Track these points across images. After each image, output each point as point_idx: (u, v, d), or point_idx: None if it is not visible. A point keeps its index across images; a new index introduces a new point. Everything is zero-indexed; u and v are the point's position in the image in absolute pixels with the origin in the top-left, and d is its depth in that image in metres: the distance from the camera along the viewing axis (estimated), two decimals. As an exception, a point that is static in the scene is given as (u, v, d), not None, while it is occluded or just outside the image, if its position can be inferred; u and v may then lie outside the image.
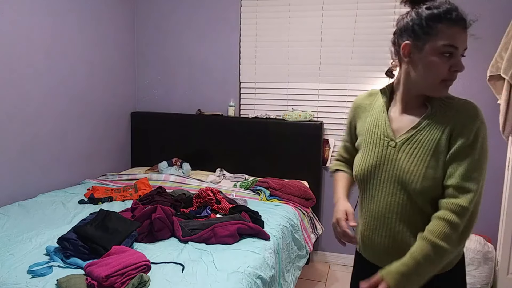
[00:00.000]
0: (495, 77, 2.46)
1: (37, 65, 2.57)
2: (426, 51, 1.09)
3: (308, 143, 3.07)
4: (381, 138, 1.20)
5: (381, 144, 1.20)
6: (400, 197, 1.15)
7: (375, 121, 1.24)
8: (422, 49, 1.10)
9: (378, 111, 1.25)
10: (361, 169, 1.24)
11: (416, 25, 1.11)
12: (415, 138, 1.14)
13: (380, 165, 1.19)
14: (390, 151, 1.17)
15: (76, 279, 1.44)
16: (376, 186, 1.20)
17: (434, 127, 1.12)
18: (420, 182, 1.10)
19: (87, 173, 3.06)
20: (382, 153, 1.19)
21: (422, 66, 1.11)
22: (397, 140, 1.17)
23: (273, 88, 3.29)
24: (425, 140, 1.12)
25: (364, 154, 1.24)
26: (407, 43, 1.13)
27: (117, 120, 3.39)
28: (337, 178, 1.40)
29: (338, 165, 1.43)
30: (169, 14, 3.44)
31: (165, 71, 3.53)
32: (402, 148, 1.15)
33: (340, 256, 3.24)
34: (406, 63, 1.15)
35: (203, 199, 2.33)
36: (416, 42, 1.11)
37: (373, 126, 1.24)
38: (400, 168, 1.14)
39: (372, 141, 1.22)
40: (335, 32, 3.08)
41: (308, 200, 2.78)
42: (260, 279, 1.65)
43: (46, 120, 2.66)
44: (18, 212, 2.21)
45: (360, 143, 1.28)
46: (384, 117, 1.22)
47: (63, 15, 2.74)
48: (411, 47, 1.12)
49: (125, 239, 1.77)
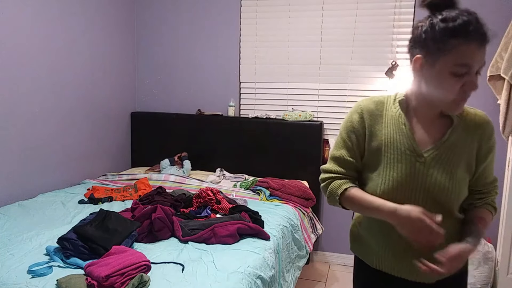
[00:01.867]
0: (495, 77, 2.46)
1: (37, 65, 2.57)
2: (438, 68, 1.03)
3: (308, 143, 3.07)
4: (407, 153, 1.12)
5: (407, 160, 1.12)
6: (433, 211, 1.06)
7: (395, 134, 1.14)
8: (434, 65, 1.03)
9: (395, 123, 1.15)
10: (388, 187, 1.13)
11: (429, 39, 1.03)
12: (444, 153, 1.12)
13: (410, 182, 1.12)
14: (419, 167, 1.11)
15: (76, 279, 1.44)
16: (407, 204, 1.08)
17: (460, 140, 1.14)
18: (458, 197, 1.14)
19: (87, 173, 3.06)
20: (410, 170, 1.11)
21: (433, 83, 1.06)
22: (425, 155, 1.12)
23: (273, 88, 3.29)
24: (454, 155, 1.13)
25: (388, 171, 1.13)
26: (418, 57, 1.07)
27: (117, 120, 3.39)
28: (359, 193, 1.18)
29: (346, 183, 1.21)
30: (169, 14, 3.44)
31: (165, 71, 3.53)
32: (432, 163, 1.11)
33: (340, 256, 3.24)
34: (418, 76, 1.10)
35: (203, 199, 2.33)
36: (428, 57, 1.05)
37: (394, 140, 1.14)
38: (434, 185, 1.11)
39: (396, 157, 1.13)
40: (335, 32, 3.08)
41: (308, 200, 2.78)
42: (260, 279, 1.65)
43: (46, 120, 2.66)
44: (18, 212, 2.21)
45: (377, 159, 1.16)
46: (406, 130, 1.14)
47: (63, 15, 2.74)
48: (422, 62, 1.06)
49: (125, 239, 1.77)
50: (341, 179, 1.23)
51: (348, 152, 1.22)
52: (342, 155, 1.23)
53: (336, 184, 1.22)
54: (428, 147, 1.13)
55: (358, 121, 1.19)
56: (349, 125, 1.21)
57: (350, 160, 1.22)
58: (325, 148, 3.17)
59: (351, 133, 1.21)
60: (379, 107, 1.19)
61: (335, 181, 1.23)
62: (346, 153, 1.22)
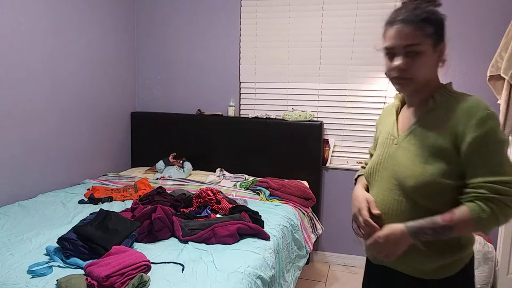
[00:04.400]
0: (495, 77, 2.46)
1: (37, 65, 2.57)
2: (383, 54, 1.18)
3: (308, 143, 3.07)
4: (388, 137, 1.23)
5: (387, 143, 1.23)
6: (396, 193, 1.14)
7: (388, 123, 1.28)
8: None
9: (392, 114, 1.29)
10: (369, 167, 1.27)
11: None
12: (414, 133, 1.15)
13: (383, 162, 1.21)
14: (392, 148, 1.20)
15: (76, 279, 1.44)
16: (377, 183, 1.22)
17: (435, 122, 1.11)
18: (416, 178, 1.07)
19: (87, 173, 3.06)
20: (385, 150, 1.22)
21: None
22: (399, 137, 1.19)
23: (273, 88, 3.29)
24: (424, 135, 1.11)
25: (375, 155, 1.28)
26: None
27: (117, 120, 3.39)
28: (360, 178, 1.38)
29: (362, 171, 1.41)
30: (169, 14, 3.44)
31: (165, 71, 3.53)
32: (402, 144, 1.17)
33: (340, 256, 3.24)
34: None
35: (203, 199, 2.33)
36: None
37: (385, 127, 1.28)
38: (398, 163, 1.15)
39: (382, 142, 1.26)
40: (335, 32, 3.08)
41: (308, 200, 2.78)
42: (260, 279, 1.65)
43: (46, 120, 2.66)
44: (18, 212, 2.21)
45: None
46: (394, 118, 1.25)
47: (63, 15, 2.74)
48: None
49: (125, 239, 1.77)
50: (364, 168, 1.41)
51: (372, 145, 1.41)
52: (370, 149, 1.44)
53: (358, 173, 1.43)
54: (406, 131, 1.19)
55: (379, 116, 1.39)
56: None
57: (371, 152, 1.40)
58: (325, 148, 3.17)
59: (376, 128, 1.40)
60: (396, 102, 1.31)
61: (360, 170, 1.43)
62: (372, 146, 1.41)
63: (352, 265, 3.21)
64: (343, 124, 3.15)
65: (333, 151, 3.18)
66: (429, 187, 1.07)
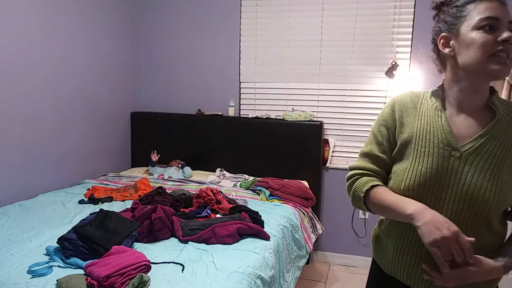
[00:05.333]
0: (495, 77, 2.46)
1: (37, 65, 2.57)
2: (463, 32, 0.98)
3: (308, 143, 3.07)
4: (440, 147, 1.02)
5: (440, 154, 1.01)
6: (467, 216, 0.99)
7: (428, 126, 1.05)
8: (459, 32, 1.00)
9: (430, 115, 1.06)
10: (413, 182, 1.02)
11: (446, 17, 1.04)
12: (485, 148, 0.99)
13: (440, 178, 1.01)
14: (453, 162, 1.00)
15: (76, 279, 1.44)
16: (434, 204, 1.01)
17: (504, 136, 1.00)
18: (498, 203, 0.96)
19: (87, 173, 3.06)
20: (442, 165, 1.01)
21: (464, 49, 0.98)
22: (462, 149, 1.00)
23: (273, 88, 3.29)
24: (497, 150, 0.98)
25: (415, 165, 1.03)
26: (442, 35, 1.05)
27: (117, 120, 3.39)
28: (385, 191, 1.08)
29: (373, 180, 1.11)
30: (169, 14, 3.44)
31: (165, 71, 3.53)
32: (469, 159, 0.99)
33: (340, 256, 3.24)
34: (450, 57, 1.04)
35: (203, 199, 2.33)
36: (451, 30, 1.02)
37: (426, 132, 1.04)
38: (469, 184, 0.98)
39: (427, 150, 1.03)
40: (335, 32, 3.08)
41: (308, 200, 2.78)
42: (260, 279, 1.65)
43: (46, 120, 2.66)
44: (18, 212, 2.21)
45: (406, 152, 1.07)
46: (442, 122, 1.04)
47: (63, 15, 2.74)
48: (447, 37, 1.03)
49: (125, 239, 1.77)
50: (369, 176, 1.13)
51: (378, 147, 1.13)
52: (371, 150, 1.14)
53: (362, 181, 1.12)
54: (466, 141, 1.01)
55: (389, 113, 1.12)
56: (380, 119, 1.14)
57: (380, 156, 1.12)
58: (325, 148, 3.17)
59: (381, 126, 1.13)
60: (414, 100, 1.11)
61: (362, 178, 1.13)
62: (376, 148, 1.13)
63: (352, 265, 3.21)
64: (343, 124, 3.15)
65: (333, 151, 3.18)
66: (504, 208, 1.00)
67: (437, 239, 0.91)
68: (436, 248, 0.92)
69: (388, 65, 2.90)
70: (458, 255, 0.91)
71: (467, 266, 0.93)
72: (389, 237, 1.14)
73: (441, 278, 0.97)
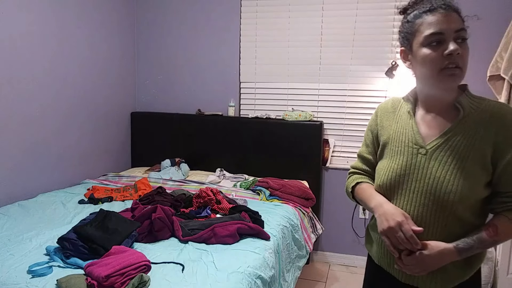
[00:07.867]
0: (495, 77, 2.46)
1: (37, 65, 2.57)
2: (415, 48, 1.08)
3: (308, 143, 3.07)
4: (409, 145, 1.13)
5: (409, 152, 1.12)
6: (433, 208, 1.07)
7: (401, 129, 1.17)
8: (411, 48, 1.10)
9: (404, 118, 1.18)
10: (387, 178, 1.15)
11: (402, 31, 1.14)
12: (448, 144, 1.07)
13: (409, 174, 1.11)
14: (420, 159, 1.10)
15: (76, 279, 1.44)
16: (404, 197, 1.11)
17: (469, 132, 1.06)
18: (459, 192, 1.03)
19: (87, 173, 3.06)
20: (411, 161, 1.11)
21: (418, 64, 1.09)
22: (428, 147, 1.10)
23: (273, 88, 3.29)
24: (460, 145, 1.05)
25: (390, 163, 1.16)
26: (401, 49, 1.16)
27: (117, 120, 3.39)
28: (365, 187, 1.25)
29: (359, 178, 1.29)
30: (169, 14, 3.44)
31: (165, 71, 3.53)
32: (434, 155, 1.08)
33: (340, 256, 3.24)
34: (410, 68, 1.15)
35: (203, 199, 2.33)
36: (406, 45, 1.13)
37: (400, 134, 1.16)
38: (434, 177, 1.06)
39: (399, 149, 1.14)
40: (335, 32, 3.08)
41: (308, 200, 2.78)
42: (260, 279, 1.65)
43: (46, 120, 2.66)
44: (18, 212, 2.21)
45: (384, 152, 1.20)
46: (412, 123, 1.15)
47: (63, 15, 2.74)
48: (405, 51, 1.14)
49: (125, 239, 1.77)
50: (358, 174, 1.32)
51: (366, 149, 1.30)
52: (361, 152, 1.32)
53: (351, 179, 1.32)
54: (433, 139, 1.10)
55: (373, 119, 1.28)
56: (368, 124, 1.31)
57: (367, 157, 1.30)
58: (325, 148, 3.17)
59: (368, 131, 1.30)
60: (395, 105, 1.24)
61: (353, 175, 1.33)
62: (365, 149, 1.31)
63: (352, 265, 3.21)
64: (343, 124, 3.15)
65: (333, 151, 3.18)
66: (472, 200, 1.04)
67: (384, 229, 1.08)
68: (385, 237, 1.09)
69: (388, 65, 2.89)
70: (403, 242, 1.05)
71: (419, 251, 1.04)
72: (373, 230, 1.26)
73: (404, 265, 1.09)
